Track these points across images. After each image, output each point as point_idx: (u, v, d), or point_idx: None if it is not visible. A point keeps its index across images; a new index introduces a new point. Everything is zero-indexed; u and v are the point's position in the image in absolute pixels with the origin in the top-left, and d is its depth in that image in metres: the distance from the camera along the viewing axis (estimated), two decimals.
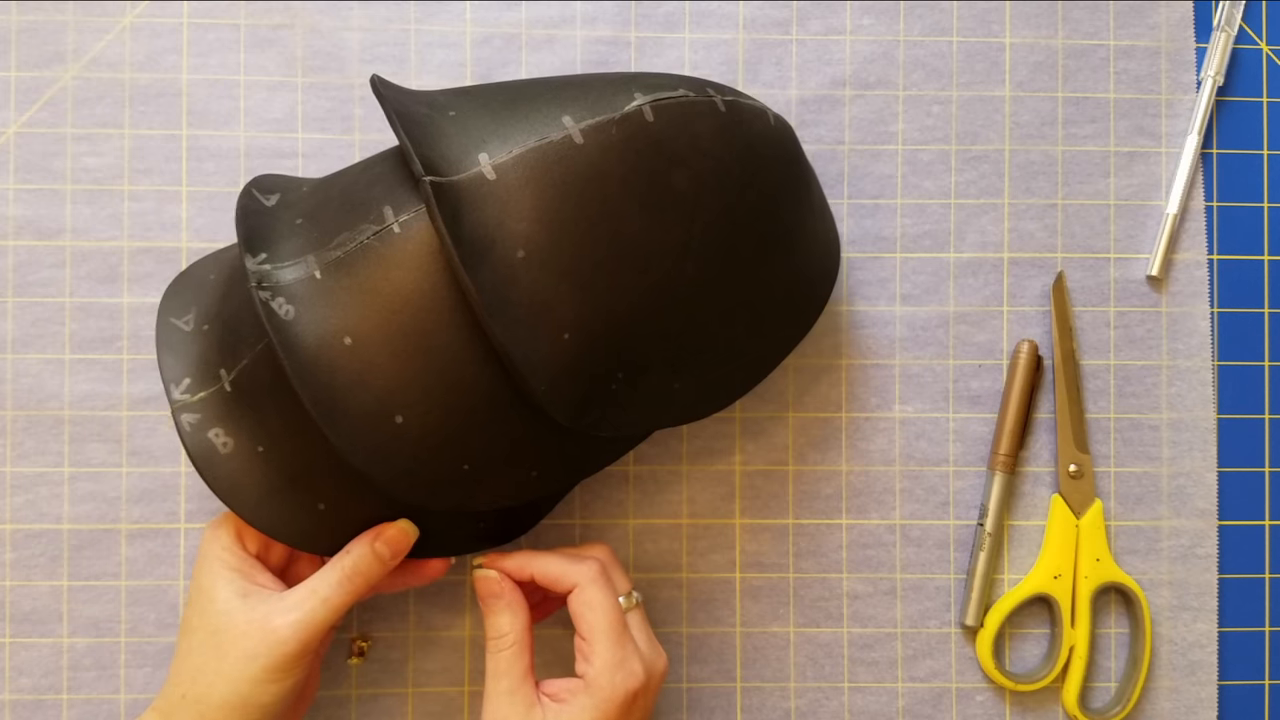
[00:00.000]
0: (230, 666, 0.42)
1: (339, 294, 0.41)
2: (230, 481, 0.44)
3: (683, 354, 0.44)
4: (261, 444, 0.44)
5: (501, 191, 0.40)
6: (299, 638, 0.42)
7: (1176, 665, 0.54)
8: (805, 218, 0.47)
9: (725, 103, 0.44)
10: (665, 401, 0.45)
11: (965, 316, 0.55)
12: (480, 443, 0.42)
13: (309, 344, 0.40)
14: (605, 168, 0.41)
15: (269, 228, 0.43)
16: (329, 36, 0.54)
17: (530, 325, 0.40)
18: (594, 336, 0.41)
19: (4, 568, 0.52)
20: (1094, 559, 0.53)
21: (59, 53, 0.53)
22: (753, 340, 0.46)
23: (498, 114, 0.43)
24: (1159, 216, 0.55)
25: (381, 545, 0.44)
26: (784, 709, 0.54)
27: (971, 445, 0.54)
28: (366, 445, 0.41)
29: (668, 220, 0.42)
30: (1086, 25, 0.56)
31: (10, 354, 0.52)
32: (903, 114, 0.55)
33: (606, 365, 0.42)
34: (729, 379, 0.47)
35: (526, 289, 0.40)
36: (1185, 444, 0.55)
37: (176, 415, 0.44)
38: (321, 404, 0.40)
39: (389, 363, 0.41)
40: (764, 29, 0.55)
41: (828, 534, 0.54)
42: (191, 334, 0.46)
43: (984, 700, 0.54)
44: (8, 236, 0.53)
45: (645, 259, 0.42)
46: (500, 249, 0.40)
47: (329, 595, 0.43)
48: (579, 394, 0.42)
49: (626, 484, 0.54)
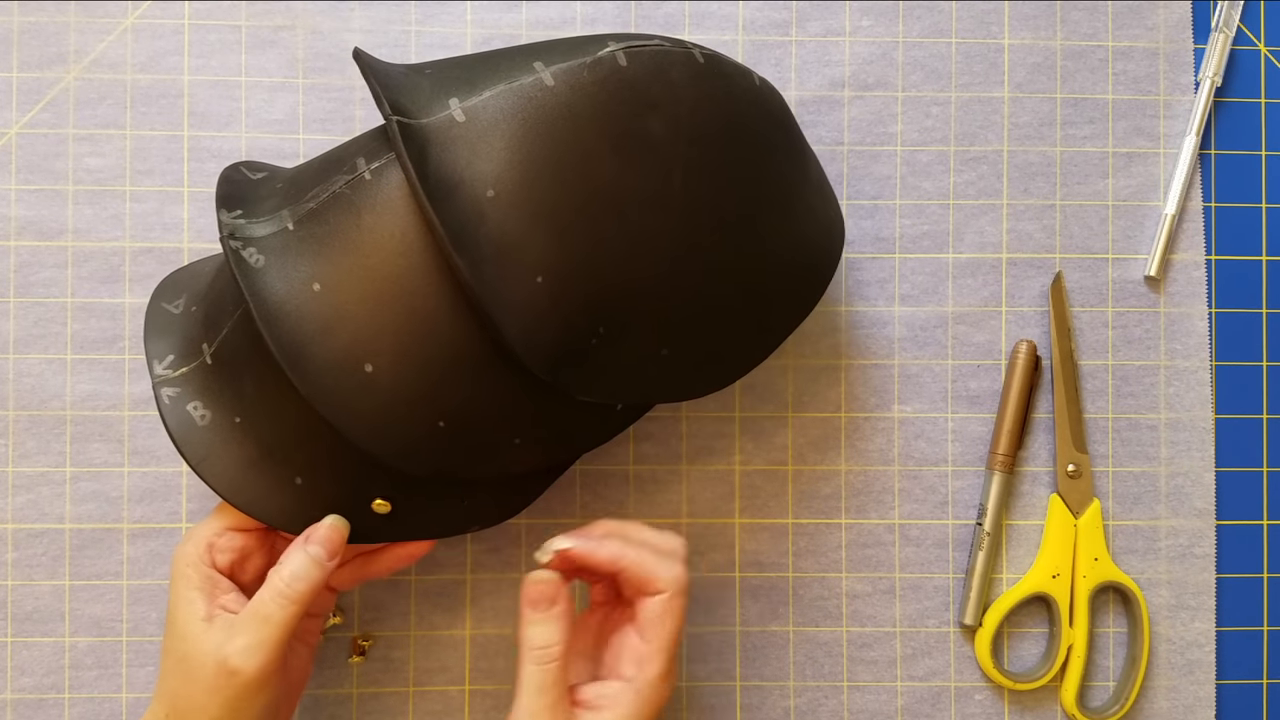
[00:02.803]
0: (200, 694, 0.41)
1: (309, 243, 0.41)
2: (207, 454, 0.43)
3: (669, 317, 0.43)
4: (239, 414, 0.43)
5: (470, 134, 0.40)
6: (251, 665, 0.41)
7: (1174, 664, 0.54)
8: (800, 184, 0.46)
9: (704, 55, 0.44)
10: (654, 369, 0.44)
11: (964, 317, 0.55)
12: (455, 398, 0.41)
13: (277, 290, 0.40)
14: (576, 108, 0.41)
15: (249, 192, 0.43)
16: (330, 38, 0.54)
17: (499, 264, 0.39)
18: (568, 283, 0.40)
19: (6, 567, 0.52)
20: (1092, 558, 0.54)
21: (60, 53, 0.53)
22: (749, 314, 0.45)
23: (471, 67, 0.43)
24: (1157, 217, 0.56)
25: (315, 547, 0.43)
26: (783, 708, 0.54)
27: (970, 445, 0.55)
28: (334, 394, 0.40)
29: (644, 166, 0.41)
30: (1085, 26, 0.56)
31: (12, 354, 0.53)
32: (902, 115, 0.55)
33: (585, 316, 0.41)
34: (724, 355, 0.46)
35: (495, 227, 0.39)
36: (1183, 444, 0.55)
37: (157, 390, 0.43)
38: (288, 351, 0.40)
39: (358, 309, 0.40)
40: (763, 30, 0.55)
41: (827, 534, 0.54)
42: (180, 315, 0.45)
43: (982, 699, 0.54)
44: (10, 237, 0.53)
45: (621, 205, 0.41)
46: (468, 188, 0.39)
47: (271, 614, 0.41)
48: (554, 343, 0.41)
49: (626, 484, 0.54)
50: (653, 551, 0.43)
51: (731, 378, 0.46)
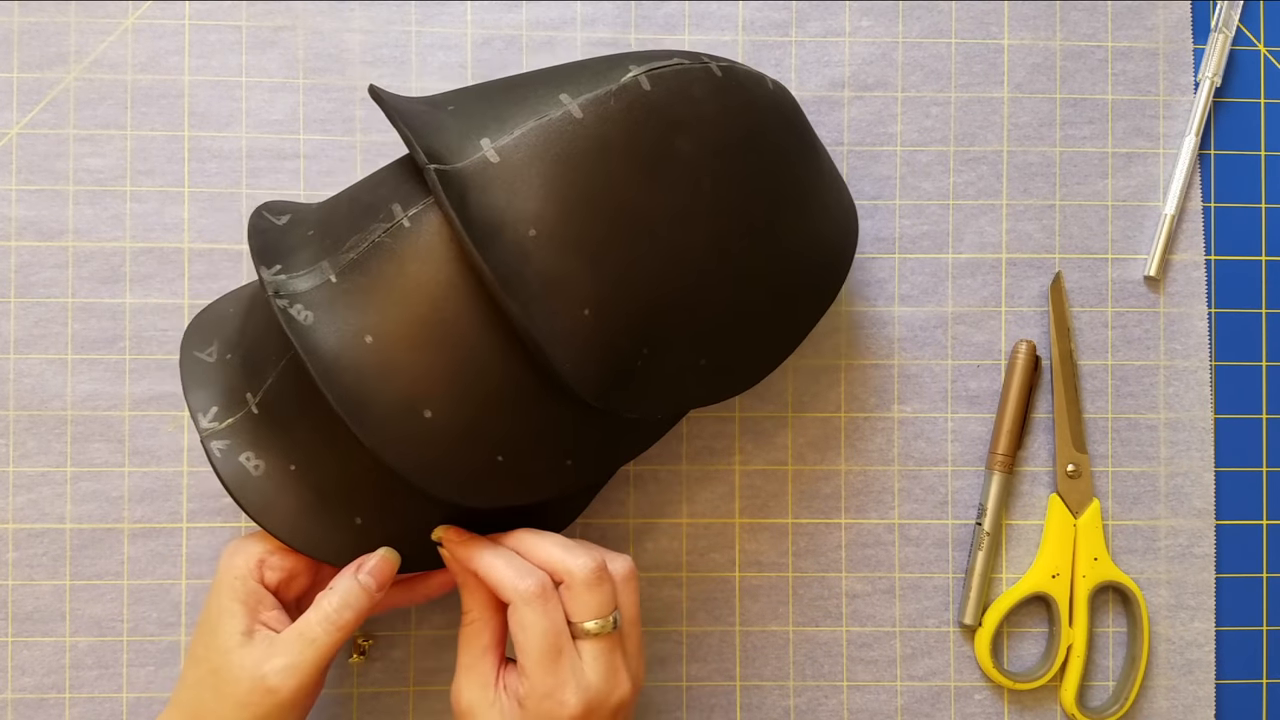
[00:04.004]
0: (229, 708, 0.41)
1: (355, 295, 0.41)
2: (264, 503, 0.44)
3: (706, 328, 0.44)
4: (293, 462, 0.44)
5: (506, 173, 0.41)
6: (289, 685, 0.41)
7: (1174, 664, 0.54)
8: (815, 182, 0.47)
9: (721, 68, 0.44)
10: (692, 379, 0.45)
11: (964, 317, 0.55)
12: (511, 431, 0.42)
13: (330, 345, 0.40)
14: (607, 139, 0.41)
15: (281, 242, 0.43)
16: (330, 38, 0.54)
17: (548, 302, 0.40)
18: (614, 310, 0.41)
19: (6, 567, 0.52)
20: (1092, 558, 0.54)
21: (61, 54, 0.53)
22: (776, 312, 0.46)
23: (495, 102, 0.43)
24: (1157, 217, 0.56)
25: (366, 576, 0.43)
26: (783, 707, 0.54)
27: (970, 445, 0.55)
28: (396, 441, 0.41)
29: (672, 184, 0.42)
30: (1084, 27, 0.56)
31: (13, 354, 0.53)
32: (901, 115, 0.55)
33: (630, 340, 0.42)
34: (755, 353, 0.47)
35: (540, 266, 0.40)
36: (1183, 444, 0.55)
37: (206, 444, 0.44)
38: (348, 404, 0.40)
39: (411, 357, 0.41)
40: (763, 30, 0.55)
41: (827, 533, 0.54)
42: (215, 364, 0.46)
43: (982, 699, 0.54)
44: (10, 237, 0.53)
45: (652, 224, 0.42)
46: (510, 229, 0.40)
47: (316, 637, 0.42)
48: (604, 371, 0.42)
49: (626, 484, 0.54)
50: (508, 565, 0.42)
51: (759, 376, 0.47)
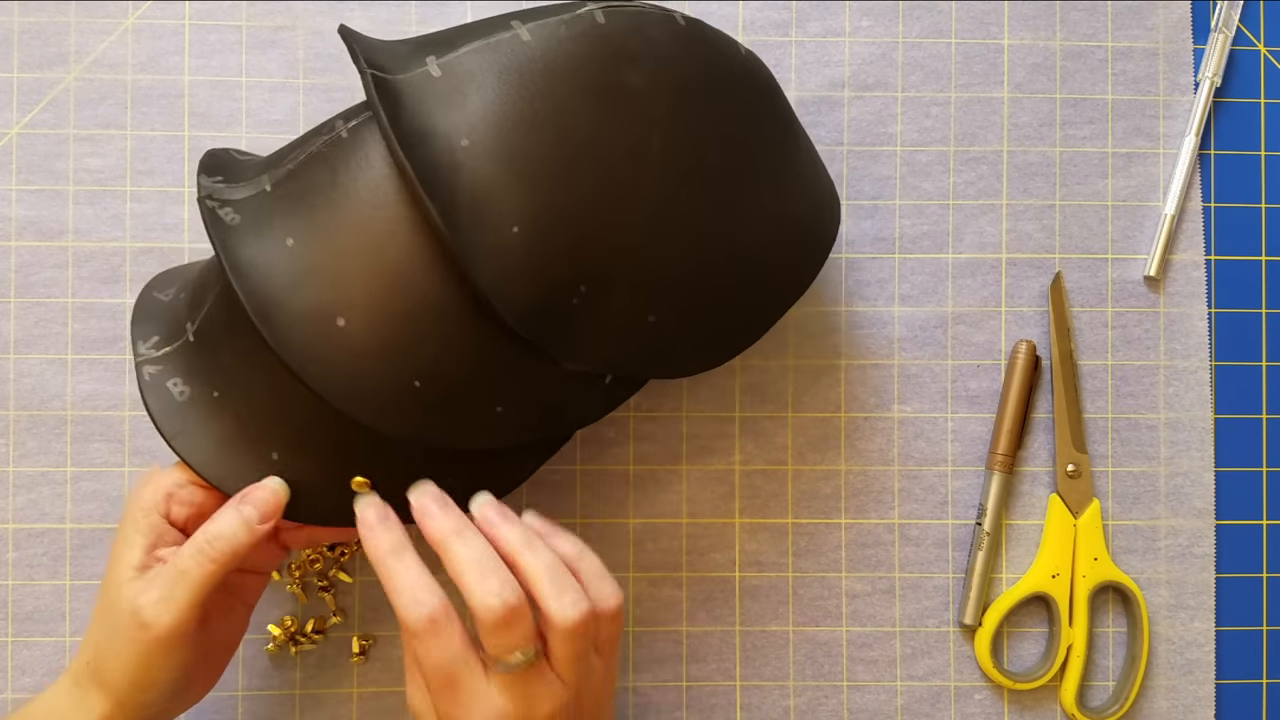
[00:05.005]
0: (120, 645, 0.40)
1: (285, 201, 0.41)
2: (181, 429, 0.43)
3: (654, 280, 0.42)
4: (217, 388, 0.42)
5: (446, 87, 0.40)
6: (163, 621, 0.40)
7: (1174, 664, 0.54)
8: (791, 157, 0.46)
9: (686, 19, 0.43)
10: (641, 337, 0.43)
11: (964, 317, 0.55)
12: (432, 356, 0.40)
13: (249, 246, 0.40)
14: (552, 61, 0.41)
15: (234, 166, 0.44)
16: (330, 38, 0.54)
17: (473, 212, 0.39)
18: (545, 234, 0.40)
19: (6, 567, 0.52)
20: (1092, 558, 0.54)
21: (61, 54, 0.53)
22: (740, 286, 0.44)
23: (450, 31, 0.43)
24: (1157, 217, 0.56)
25: (247, 508, 0.41)
26: (783, 707, 0.54)
27: (970, 445, 0.55)
28: (304, 347, 0.39)
29: (621, 118, 0.41)
30: (1084, 27, 0.56)
31: (13, 354, 0.53)
32: (901, 115, 0.55)
33: (564, 270, 0.40)
34: (716, 330, 0.45)
35: (470, 176, 0.39)
36: (1183, 444, 0.55)
37: (138, 369, 0.43)
38: (259, 305, 0.39)
39: (331, 263, 0.40)
40: (763, 30, 0.55)
41: (827, 533, 0.54)
42: (169, 302, 0.45)
43: (982, 699, 0.54)
44: (10, 237, 0.53)
45: (598, 157, 0.41)
46: (443, 138, 0.39)
47: (188, 569, 0.40)
48: (532, 296, 0.40)
49: (626, 484, 0.54)
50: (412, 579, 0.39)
51: (724, 356, 0.45)
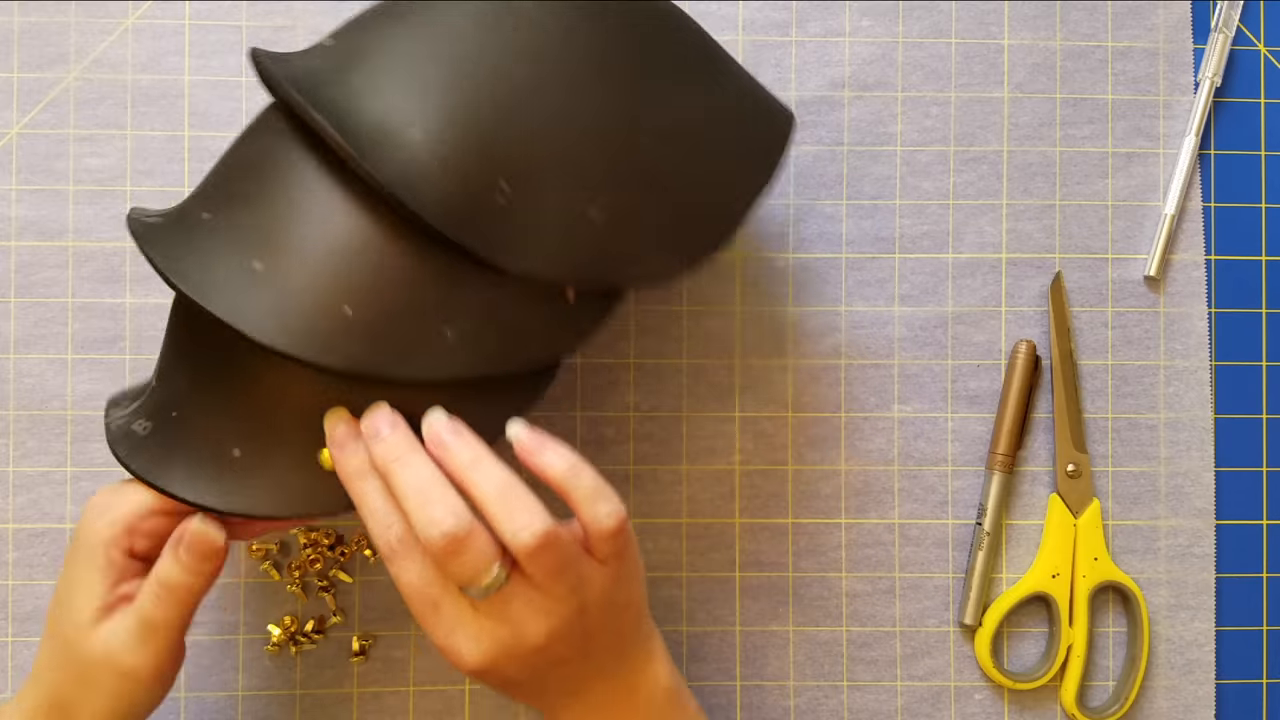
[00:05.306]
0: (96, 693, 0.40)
1: (205, 188, 0.42)
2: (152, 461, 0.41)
3: (588, 171, 0.40)
4: (175, 410, 0.42)
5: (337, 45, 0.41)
6: (147, 667, 0.40)
7: (1174, 664, 0.54)
8: (716, 58, 0.44)
9: None
10: (585, 234, 0.40)
11: (964, 317, 0.55)
12: (361, 282, 0.38)
13: (160, 219, 0.42)
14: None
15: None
16: None
17: (373, 128, 0.38)
18: (449, 130, 0.38)
19: (7, 567, 0.52)
20: (1092, 558, 0.54)
21: (61, 54, 0.53)
22: (687, 179, 0.42)
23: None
24: (1157, 217, 0.56)
25: (184, 554, 0.40)
26: (783, 707, 0.54)
27: (970, 445, 0.55)
28: (224, 293, 0.38)
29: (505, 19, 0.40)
30: (1084, 27, 0.56)
31: (13, 354, 0.53)
32: (901, 115, 0.55)
33: (474, 166, 0.39)
34: (672, 227, 0.42)
35: (366, 101, 0.39)
36: (1183, 444, 0.55)
37: (107, 428, 0.43)
38: (173, 265, 0.39)
39: (238, 214, 0.40)
40: (763, 30, 0.55)
41: (827, 533, 0.54)
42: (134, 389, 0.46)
43: (982, 699, 0.54)
44: (10, 237, 0.53)
45: (484, 55, 0.39)
46: (320, 57, 0.41)
47: (152, 616, 0.40)
48: (440, 191, 0.38)
49: (627, 484, 0.54)
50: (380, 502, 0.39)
51: (688, 259, 0.42)
